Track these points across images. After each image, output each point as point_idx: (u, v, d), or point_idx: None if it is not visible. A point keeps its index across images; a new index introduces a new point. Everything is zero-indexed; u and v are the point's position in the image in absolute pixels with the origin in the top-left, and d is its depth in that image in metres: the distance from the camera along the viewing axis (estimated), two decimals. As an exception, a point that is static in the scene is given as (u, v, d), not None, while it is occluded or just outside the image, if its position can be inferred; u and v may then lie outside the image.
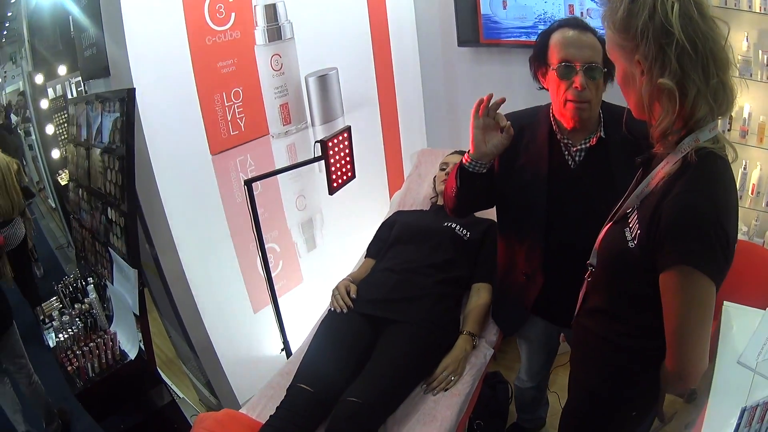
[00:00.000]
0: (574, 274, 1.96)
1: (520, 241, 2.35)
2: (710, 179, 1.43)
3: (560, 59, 2.02)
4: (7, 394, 3.75)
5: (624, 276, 1.67)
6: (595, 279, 1.83)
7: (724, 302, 2.34)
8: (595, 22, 2.24)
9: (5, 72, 14.67)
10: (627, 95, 1.57)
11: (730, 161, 1.48)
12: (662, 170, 1.52)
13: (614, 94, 1.95)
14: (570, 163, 2.18)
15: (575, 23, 2.06)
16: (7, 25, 14.53)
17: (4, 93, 15.35)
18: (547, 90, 2.15)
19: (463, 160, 2.18)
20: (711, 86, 1.36)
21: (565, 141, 2.17)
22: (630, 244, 1.58)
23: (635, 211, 1.60)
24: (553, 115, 2.18)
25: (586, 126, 2.13)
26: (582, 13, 3.28)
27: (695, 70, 1.35)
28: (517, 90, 2.23)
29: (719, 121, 1.46)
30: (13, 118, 10.81)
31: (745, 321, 2.20)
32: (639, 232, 1.54)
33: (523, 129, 2.25)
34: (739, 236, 3.29)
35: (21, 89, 13.19)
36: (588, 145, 2.15)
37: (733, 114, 3.26)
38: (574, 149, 2.16)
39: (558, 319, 2.36)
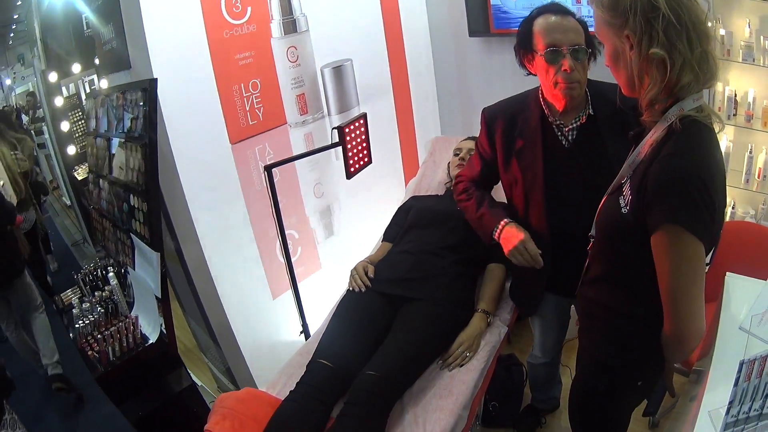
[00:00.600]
0: (579, 248, 2.04)
1: (526, 223, 2.42)
2: (693, 144, 1.51)
3: (546, 44, 2.09)
4: (22, 342, 4.15)
5: (620, 243, 1.75)
6: (595, 249, 1.91)
7: (727, 273, 2.43)
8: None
9: (14, 73, 14.73)
10: (617, 73, 1.64)
11: (717, 131, 1.56)
12: (650, 139, 1.60)
13: (595, 72, 2.09)
14: (564, 143, 2.26)
15: (556, 9, 2.14)
16: (14, 27, 14.60)
17: (14, 94, 15.41)
18: (536, 75, 2.23)
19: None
20: (695, 56, 1.45)
21: (557, 122, 2.25)
22: (623, 211, 1.65)
23: (628, 181, 1.68)
24: (544, 99, 2.26)
25: (576, 105, 2.21)
26: None
27: (680, 40, 1.43)
28: (527, 78, 2.29)
29: (704, 92, 1.54)
30: (24, 118, 10.88)
31: (747, 291, 2.28)
32: (631, 198, 1.62)
33: (515, 115, 2.36)
34: (747, 219, 3.37)
35: (30, 90, 13.26)
36: (579, 123, 2.22)
37: (738, 99, 3.33)
38: (566, 129, 2.24)
39: (569, 291, 2.37)
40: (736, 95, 3.35)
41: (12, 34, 15.13)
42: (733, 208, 3.57)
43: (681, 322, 1.61)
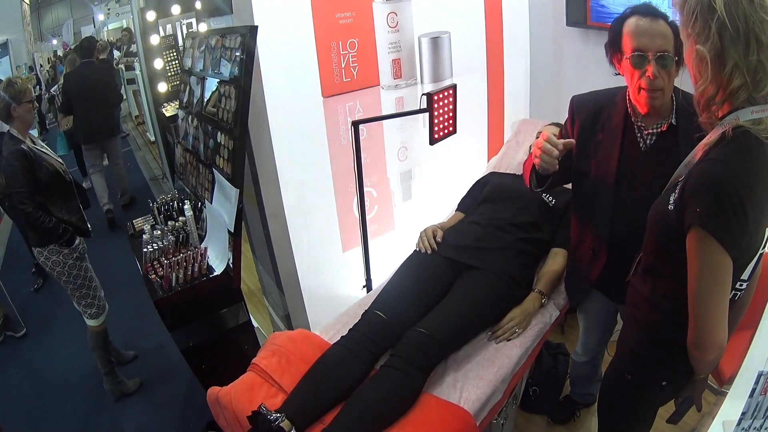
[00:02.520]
0: (635, 253, 2.08)
1: (590, 216, 2.46)
2: (737, 153, 1.53)
3: (633, 48, 2.07)
4: (99, 183, 7.17)
5: (662, 237, 1.79)
6: (645, 241, 1.93)
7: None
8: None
9: (109, 9, 15.05)
10: (690, 71, 1.67)
11: None
12: (705, 141, 1.64)
13: (688, 82, 2.03)
14: (641, 145, 2.25)
15: (646, 10, 2.09)
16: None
17: (106, 29, 15.76)
18: (623, 75, 2.21)
19: (535, 164, 2.29)
20: (750, 62, 1.47)
21: (639, 124, 2.24)
22: (670, 207, 1.69)
23: (682, 180, 1.70)
24: (629, 99, 2.25)
25: (659, 112, 2.19)
26: None
27: (734, 44, 1.46)
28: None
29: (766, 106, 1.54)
30: (116, 53, 11.11)
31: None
32: (677, 196, 1.66)
33: (601, 109, 2.36)
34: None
35: (124, 26, 13.55)
36: (660, 130, 2.21)
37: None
38: (646, 132, 2.23)
39: (617, 296, 2.42)
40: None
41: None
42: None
43: (700, 329, 1.66)
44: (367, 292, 3.20)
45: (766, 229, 1.66)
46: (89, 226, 3.77)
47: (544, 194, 3.04)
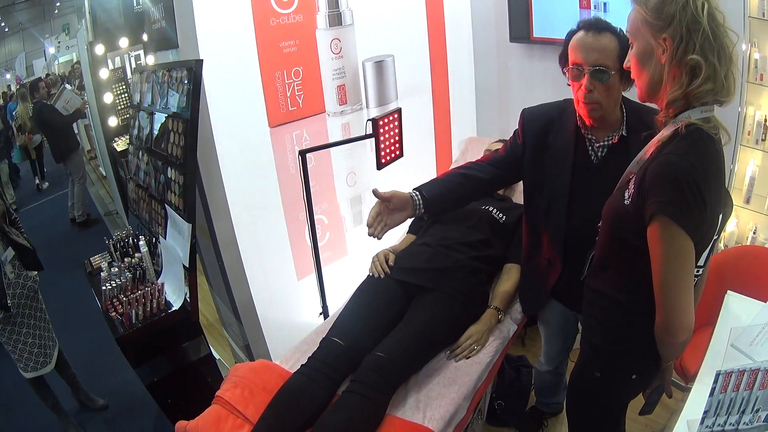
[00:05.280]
0: (588, 253, 2.13)
1: (544, 227, 2.49)
2: (692, 147, 1.62)
3: (572, 62, 2.14)
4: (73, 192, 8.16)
5: (619, 232, 1.85)
6: (600, 239, 2.00)
7: (728, 291, 2.49)
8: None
9: (59, 42, 14.97)
10: (640, 73, 1.74)
11: (723, 143, 1.68)
12: (657, 138, 1.72)
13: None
14: (593, 158, 2.30)
15: (594, 25, 2.12)
16: (60, -4, 14.85)
17: (57, 62, 15.66)
18: None
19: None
20: (721, 72, 1.57)
21: (589, 137, 2.28)
22: (626, 202, 1.77)
23: (634, 175, 1.78)
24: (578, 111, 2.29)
25: (609, 124, 2.24)
26: (596, 5, 3.39)
27: (713, 54, 1.55)
28: (566, 86, 2.33)
29: (715, 107, 1.65)
30: (68, 87, 11.02)
31: (747, 310, 2.37)
32: (633, 191, 1.73)
33: (552, 121, 2.40)
34: (759, 242, 3.40)
35: (75, 60, 13.46)
36: (611, 142, 2.25)
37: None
38: (597, 145, 2.27)
39: (575, 305, 2.45)
40: (766, 120, 3.35)
41: (58, 3, 15.38)
42: (754, 233, 3.59)
43: (669, 312, 1.70)
44: (324, 318, 3.21)
45: (719, 217, 1.74)
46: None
47: (494, 211, 3.08)
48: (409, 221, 2.87)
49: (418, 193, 2.54)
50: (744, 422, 1.73)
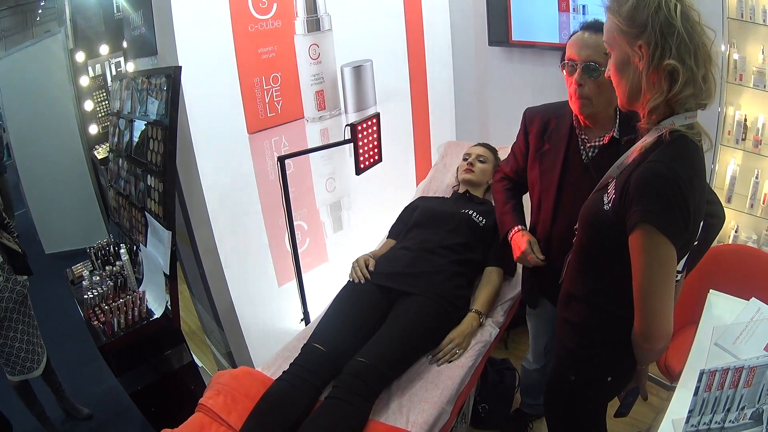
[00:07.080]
0: (566, 256, 2.14)
1: (534, 224, 2.55)
2: (677, 155, 1.61)
3: (567, 57, 2.18)
4: None
5: (597, 237, 1.85)
6: (576, 242, 1.99)
7: (711, 291, 2.51)
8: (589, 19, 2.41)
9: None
10: (620, 82, 1.74)
11: (705, 149, 1.68)
12: (640, 144, 1.72)
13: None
14: (583, 157, 2.32)
15: (593, 25, 2.17)
16: (42, 3, 14.77)
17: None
18: None
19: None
20: (699, 74, 1.56)
21: (582, 136, 2.31)
22: (606, 207, 1.76)
23: (614, 180, 1.79)
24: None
25: (601, 124, 2.27)
26: (575, 8, 3.42)
27: (689, 57, 1.54)
28: (545, 89, 2.35)
29: (698, 113, 1.65)
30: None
31: (731, 309, 2.39)
32: (614, 197, 1.73)
33: (550, 120, 2.44)
34: (749, 243, 3.42)
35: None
36: (601, 142, 2.27)
37: (748, 124, 3.38)
38: (589, 145, 2.30)
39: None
40: (746, 120, 3.40)
41: (40, 11, 15.30)
42: (736, 232, 3.62)
43: (649, 320, 1.69)
44: (306, 325, 3.21)
45: (699, 224, 1.74)
46: None
47: (474, 215, 3.09)
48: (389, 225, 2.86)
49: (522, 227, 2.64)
50: (729, 420, 1.73)
